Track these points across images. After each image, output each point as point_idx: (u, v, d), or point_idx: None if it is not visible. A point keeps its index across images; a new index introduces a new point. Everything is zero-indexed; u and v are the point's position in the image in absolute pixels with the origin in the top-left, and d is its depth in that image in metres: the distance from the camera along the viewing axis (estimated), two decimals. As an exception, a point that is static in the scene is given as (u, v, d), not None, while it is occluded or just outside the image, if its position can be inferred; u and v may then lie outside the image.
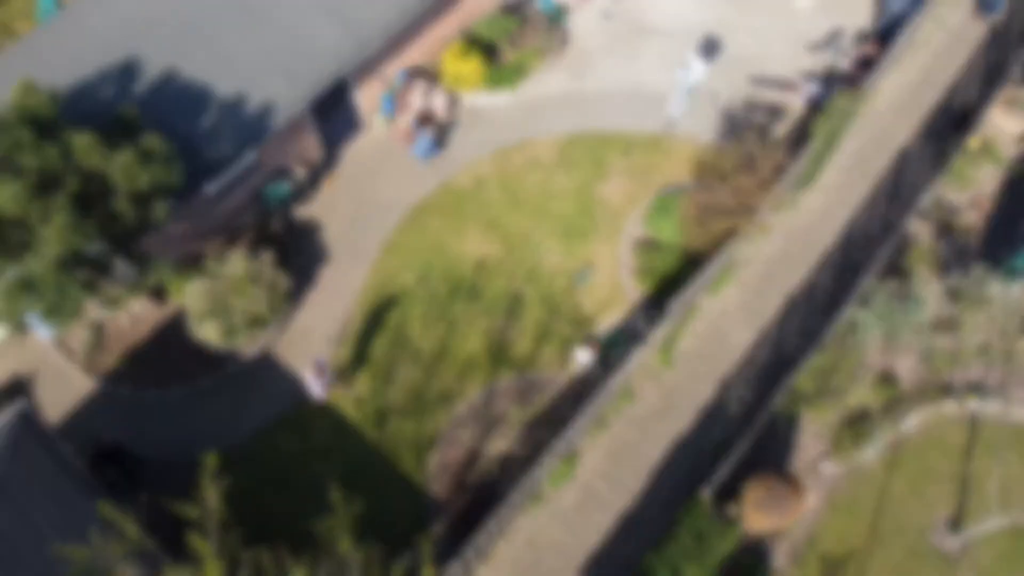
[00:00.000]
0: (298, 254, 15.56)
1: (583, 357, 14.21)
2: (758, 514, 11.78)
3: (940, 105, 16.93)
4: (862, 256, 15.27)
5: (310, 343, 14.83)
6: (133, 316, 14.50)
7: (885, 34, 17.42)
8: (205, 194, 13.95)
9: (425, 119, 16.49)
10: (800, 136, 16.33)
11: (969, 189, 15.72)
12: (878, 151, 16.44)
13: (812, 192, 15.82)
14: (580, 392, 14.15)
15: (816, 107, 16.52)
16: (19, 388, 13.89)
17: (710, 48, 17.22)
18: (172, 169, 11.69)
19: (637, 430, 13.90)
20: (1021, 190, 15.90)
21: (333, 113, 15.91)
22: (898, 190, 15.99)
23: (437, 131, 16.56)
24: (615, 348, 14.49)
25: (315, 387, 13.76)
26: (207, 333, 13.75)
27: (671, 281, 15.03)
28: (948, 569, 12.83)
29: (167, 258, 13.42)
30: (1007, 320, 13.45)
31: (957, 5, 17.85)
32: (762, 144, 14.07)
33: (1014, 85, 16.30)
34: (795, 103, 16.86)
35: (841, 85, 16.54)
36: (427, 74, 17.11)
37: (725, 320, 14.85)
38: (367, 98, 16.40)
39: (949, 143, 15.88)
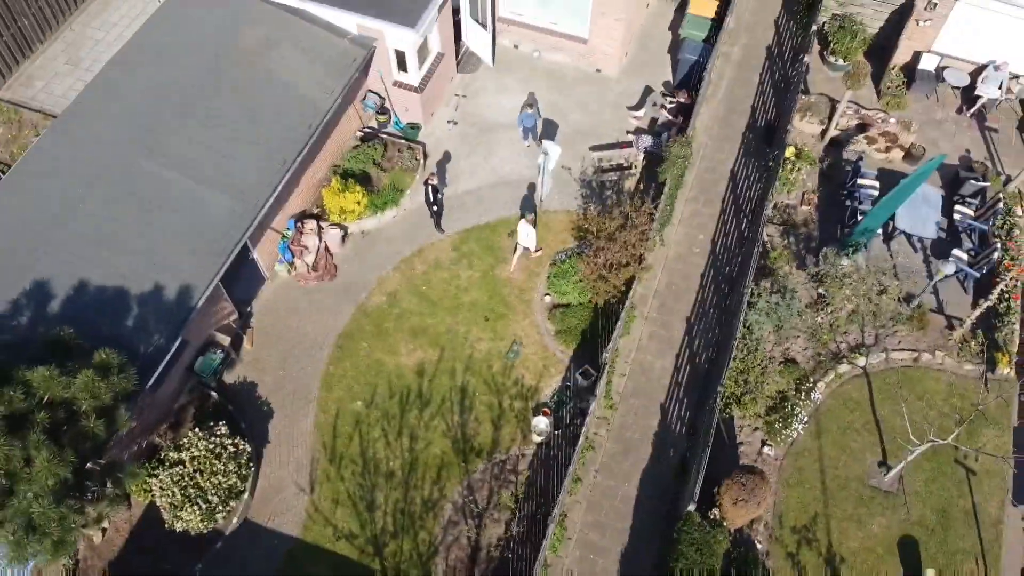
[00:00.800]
0: (243, 416, 15.67)
1: (542, 425, 15.28)
2: (737, 509, 13.19)
3: (748, 126, 19.69)
4: (731, 268, 17.47)
5: (283, 496, 14.93)
6: (103, 528, 14.03)
7: (686, 82, 20.12)
8: (147, 390, 13.90)
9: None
10: (648, 183, 18.51)
11: (796, 190, 18.37)
12: (713, 177, 18.85)
13: (672, 227, 17.89)
14: (548, 457, 15.18)
15: (652, 156, 18.78)
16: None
17: (552, 131, 19.18)
18: (130, 376, 11.79)
19: (607, 474, 15.06)
20: (833, 180, 18.78)
21: (237, 274, 16.29)
22: (740, 206, 18.42)
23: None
24: (563, 407, 15.70)
25: None
26: (187, 522, 13.58)
27: (589, 334, 16.52)
28: (891, 501, 14.81)
29: (124, 461, 13.25)
30: (863, 285, 15.86)
31: (735, 43, 20.87)
32: (632, 202, 15.90)
33: (803, 95, 19.30)
34: (635, 157, 18.99)
35: (668, 132, 18.95)
36: (312, 215, 17.85)
37: (643, 354, 16.42)
38: (264, 252, 16.90)
39: (768, 156, 18.51)
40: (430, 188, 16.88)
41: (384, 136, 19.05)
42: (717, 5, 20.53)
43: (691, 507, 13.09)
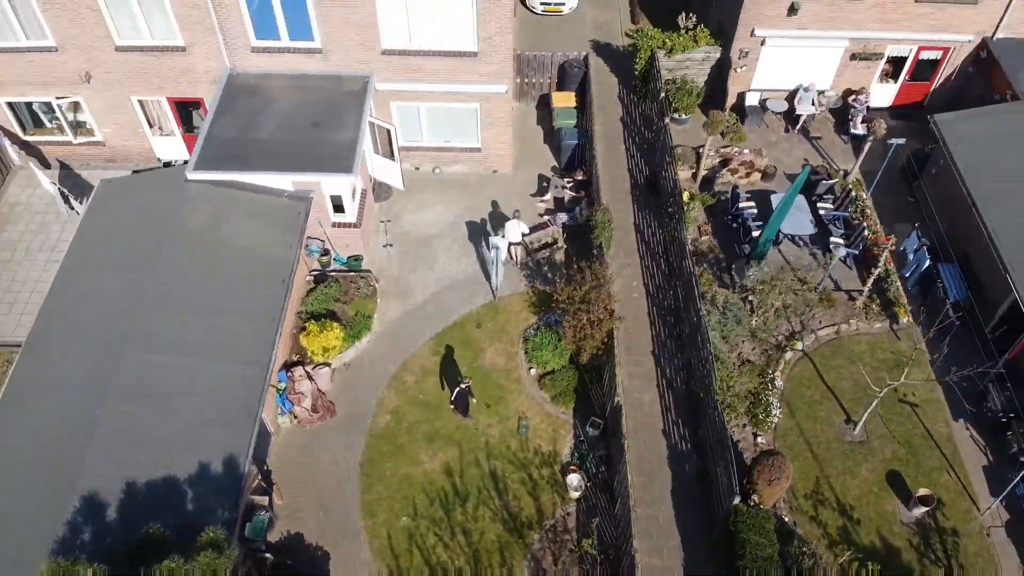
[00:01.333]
0: (303, 566, 15.84)
1: (575, 481, 16.71)
2: (772, 488, 15.26)
3: (632, 185, 22.67)
4: (669, 301, 20.00)
5: (368, 626, 15.25)
6: None
7: (571, 163, 22.93)
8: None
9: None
10: (574, 251, 20.89)
11: (692, 225, 21.38)
12: (622, 232, 21.45)
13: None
14: (591, 507, 16.61)
15: (571, 229, 21.27)
16: None
17: (480, 228, 21.17)
18: (235, 547, 12.11)
19: (643, 505, 16.64)
20: (716, 210, 22.03)
21: (250, 437, 16.62)
22: (653, 250, 21.13)
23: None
24: (585, 459, 17.27)
25: None
26: None
27: (581, 391, 18.31)
28: (867, 448, 17.51)
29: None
30: (787, 283, 18.84)
31: (595, 123, 23.99)
32: (592, 266, 18.07)
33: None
34: (557, 233, 21.31)
35: (578, 206, 21.54)
36: (295, 363, 18.50)
37: (630, 393, 18.34)
38: (266, 408, 17.33)
39: (665, 204, 21.45)
40: (458, 391, 17.36)
41: (333, 274, 20.14)
42: (575, 96, 23.77)
43: (736, 500, 15.00)
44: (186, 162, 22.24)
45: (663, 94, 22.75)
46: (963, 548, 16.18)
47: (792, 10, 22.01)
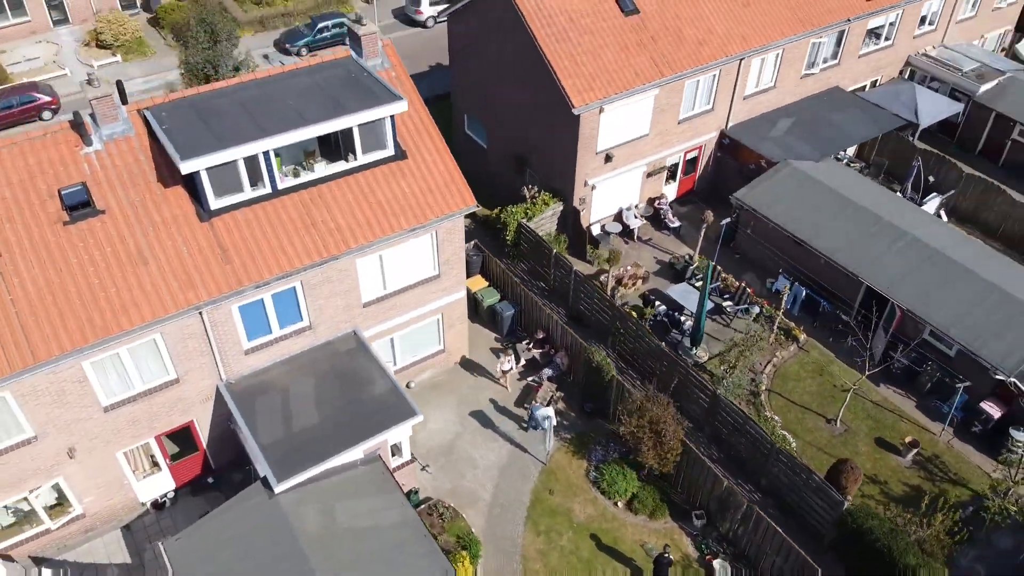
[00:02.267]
0: None
1: (719, 565, 19.52)
2: (854, 487, 19.85)
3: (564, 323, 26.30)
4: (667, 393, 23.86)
5: None
6: None
7: (513, 328, 25.84)
8: None
9: None
10: (571, 393, 23.82)
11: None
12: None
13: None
14: (744, 576, 19.58)
15: (560, 377, 24.20)
16: None
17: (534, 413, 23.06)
18: None
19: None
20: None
21: None
22: (616, 364, 24.93)
23: None
24: (709, 545, 20.20)
25: None
26: None
27: (666, 499, 21.22)
28: (850, 432, 23.07)
29: None
30: (753, 344, 23.82)
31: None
32: (648, 394, 21.20)
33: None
34: (550, 389, 24.01)
35: (555, 358, 24.53)
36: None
37: (690, 482, 21.75)
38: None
39: (619, 324, 25.34)
40: (662, 562, 18.77)
41: (408, 516, 20.41)
42: (480, 277, 26.92)
43: (846, 504, 19.25)
44: (175, 494, 20.93)
45: (554, 250, 26.87)
46: (947, 463, 22.33)
47: (608, 159, 27.85)
